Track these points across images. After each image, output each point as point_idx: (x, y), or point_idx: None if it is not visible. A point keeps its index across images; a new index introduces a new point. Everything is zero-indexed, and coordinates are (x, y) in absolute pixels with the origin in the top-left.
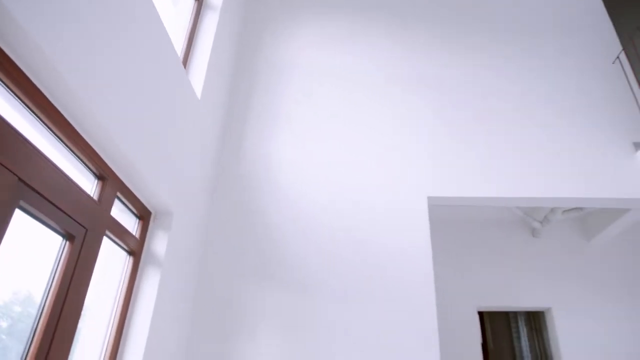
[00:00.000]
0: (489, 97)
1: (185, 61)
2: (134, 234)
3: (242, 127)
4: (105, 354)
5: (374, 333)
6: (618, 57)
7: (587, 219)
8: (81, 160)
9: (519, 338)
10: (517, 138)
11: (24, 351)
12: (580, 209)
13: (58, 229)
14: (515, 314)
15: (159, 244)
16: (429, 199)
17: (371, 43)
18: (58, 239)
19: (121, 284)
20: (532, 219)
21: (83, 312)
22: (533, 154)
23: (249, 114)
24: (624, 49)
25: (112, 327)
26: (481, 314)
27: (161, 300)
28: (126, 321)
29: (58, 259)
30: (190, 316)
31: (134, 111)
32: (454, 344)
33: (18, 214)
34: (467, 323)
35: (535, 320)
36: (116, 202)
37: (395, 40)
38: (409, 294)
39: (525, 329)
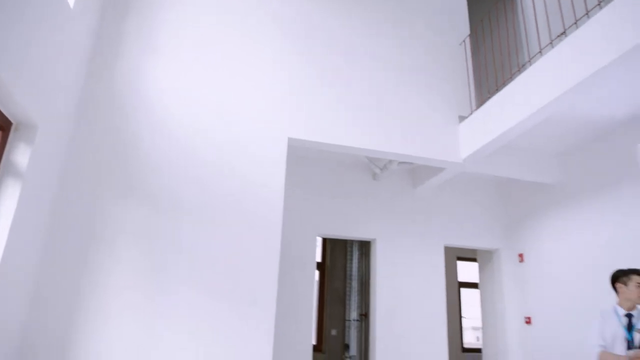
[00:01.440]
0: (352, 55)
1: None
2: None
3: (117, 44)
4: None
5: (223, 250)
6: (464, 41)
7: (416, 170)
8: None
9: (351, 260)
10: (370, 97)
11: None
12: (411, 162)
13: None
14: (352, 241)
15: (20, 156)
16: (290, 139)
17: None
18: None
19: None
20: (375, 166)
21: None
22: (381, 114)
23: (125, 29)
24: (470, 35)
25: None
26: (326, 240)
27: (21, 212)
28: None
29: None
30: (50, 229)
31: None
32: (295, 261)
33: None
34: (308, 245)
35: (365, 247)
36: None
37: None
38: (259, 221)
39: (357, 254)
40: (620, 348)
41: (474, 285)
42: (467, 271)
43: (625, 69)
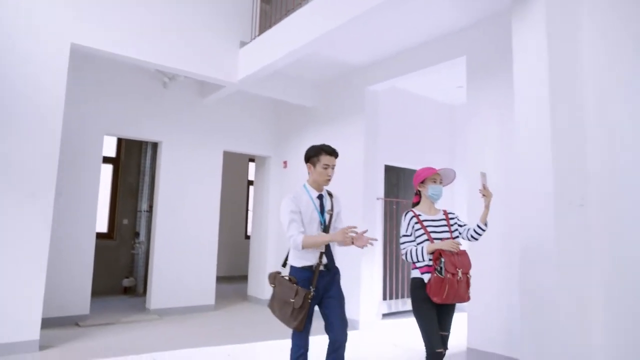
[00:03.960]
0: None
1: None
2: None
3: None
4: None
5: (3, 148)
6: None
7: (203, 84)
8: None
9: (145, 158)
10: (157, 13)
11: None
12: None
13: None
14: (147, 142)
15: None
16: (73, 45)
17: None
18: None
19: None
20: (164, 75)
21: None
22: (167, 31)
23: None
24: None
25: None
26: (122, 139)
27: None
28: None
29: None
30: None
31: None
32: (82, 157)
33: None
34: (95, 143)
35: (156, 148)
36: None
37: None
38: (38, 123)
39: (150, 152)
40: (316, 231)
41: None
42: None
43: (361, 26)
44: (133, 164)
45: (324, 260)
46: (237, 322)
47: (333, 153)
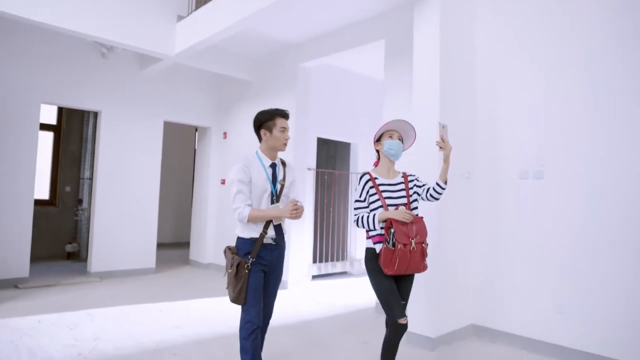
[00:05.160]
0: None
1: None
2: None
3: None
4: None
5: None
6: None
7: (143, 55)
8: None
9: (87, 126)
10: None
11: None
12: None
13: None
14: (89, 111)
15: None
16: (2, 13)
17: None
18: None
19: None
20: (102, 46)
21: None
22: (108, 4)
23: None
24: None
25: None
26: (62, 109)
27: None
28: None
29: None
30: None
31: None
32: (17, 125)
33: None
34: (31, 111)
35: (97, 117)
36: None
37: None
38: None
39: (92, 120)
40: (267, 202)
41: None
42: None
43: (291, 6)
44: (75, 132)
45: (271, 232)
46: (174, 283)
47: (287, 116)
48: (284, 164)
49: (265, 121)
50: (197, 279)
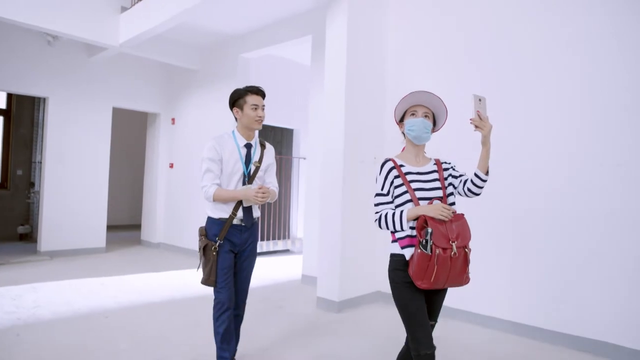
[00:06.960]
0: None
1: None
2: None
3: None
4: None
5: None
6: None
7: (89, 43)
8: None
9: (38, 110)
10: None
11: None
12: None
13: None
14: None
15: None
16: None
17: None
18: None
19: None
20: (47, 34)
21: None
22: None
23: None
24: None
25: None
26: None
27: None
28: None
29: None
30: None
31: None
32: None
33: None
34: None
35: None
36: None
37: None
38: None
39: (43, 105)
40: (238, 182)
41: None
42: None
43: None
44: (26, 117)
45: (240, 214)
46: (122, 261)
47: (259, 92)
48: (263, 145)
49: (237, 99)
50: (145, 258)
